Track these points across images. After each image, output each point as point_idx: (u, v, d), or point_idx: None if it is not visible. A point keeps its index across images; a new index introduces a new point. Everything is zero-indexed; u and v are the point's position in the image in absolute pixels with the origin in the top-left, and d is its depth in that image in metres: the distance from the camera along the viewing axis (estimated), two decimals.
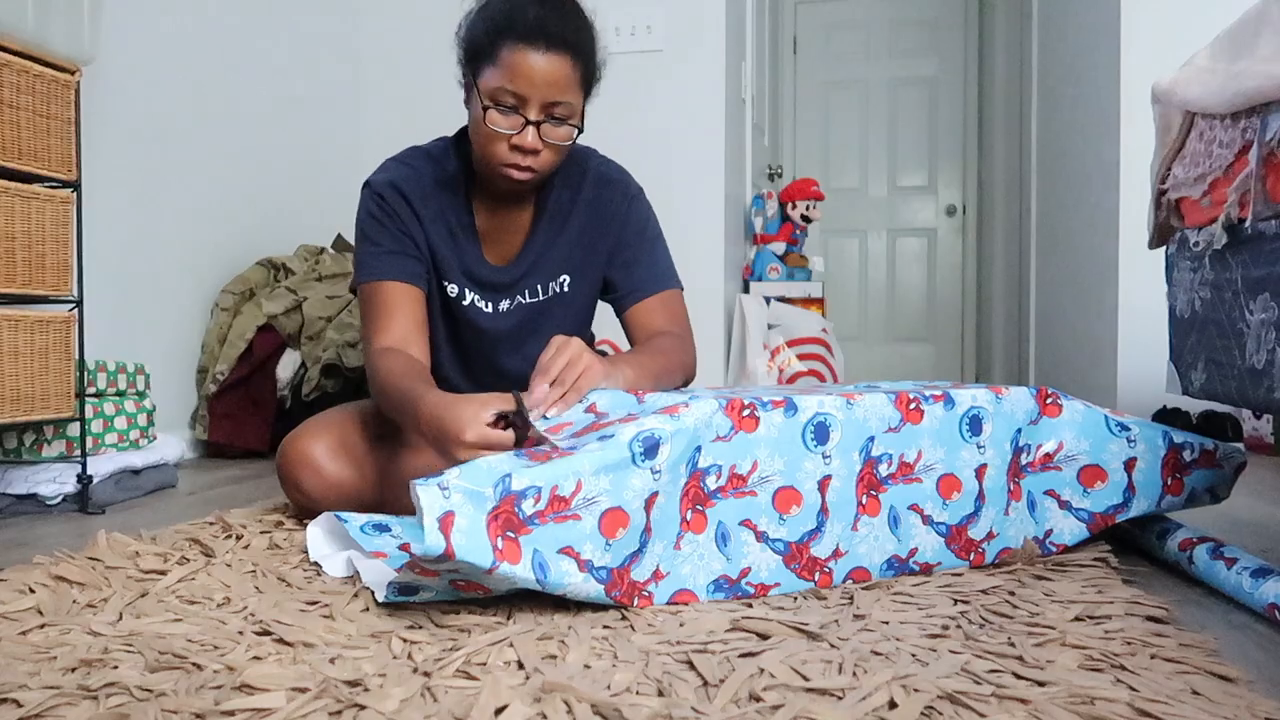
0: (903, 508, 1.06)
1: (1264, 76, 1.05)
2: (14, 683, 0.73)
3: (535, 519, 0.87)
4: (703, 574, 0.98)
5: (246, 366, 2.20)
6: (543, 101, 1.21)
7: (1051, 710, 0.66)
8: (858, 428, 1.04)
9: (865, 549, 1.04)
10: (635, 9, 2.82)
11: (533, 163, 1.24)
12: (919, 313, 4.96)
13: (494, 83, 1.21)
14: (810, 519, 1.01)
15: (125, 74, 2.01)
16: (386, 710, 0.67)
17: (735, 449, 0.99)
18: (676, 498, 0.96)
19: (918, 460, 1.07)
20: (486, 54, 1.22)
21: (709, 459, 0.98)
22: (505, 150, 1.24)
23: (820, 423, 1.03)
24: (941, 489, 1.08)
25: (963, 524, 1.08)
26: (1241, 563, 1.00)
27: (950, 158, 4.90)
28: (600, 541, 0.89)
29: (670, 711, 0.66)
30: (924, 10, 4.88)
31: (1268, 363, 1.08)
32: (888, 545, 1.05)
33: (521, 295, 1.42)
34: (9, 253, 1.42)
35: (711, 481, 0.99)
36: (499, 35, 1.20)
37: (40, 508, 1.56)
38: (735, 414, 1.00)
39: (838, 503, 1.03)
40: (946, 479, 1.08)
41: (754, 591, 0.99)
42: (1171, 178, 1.38)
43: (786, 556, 1.01)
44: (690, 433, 0.95)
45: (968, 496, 1.09)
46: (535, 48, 1.19)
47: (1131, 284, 2.60)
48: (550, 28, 1.19)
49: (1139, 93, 2.56)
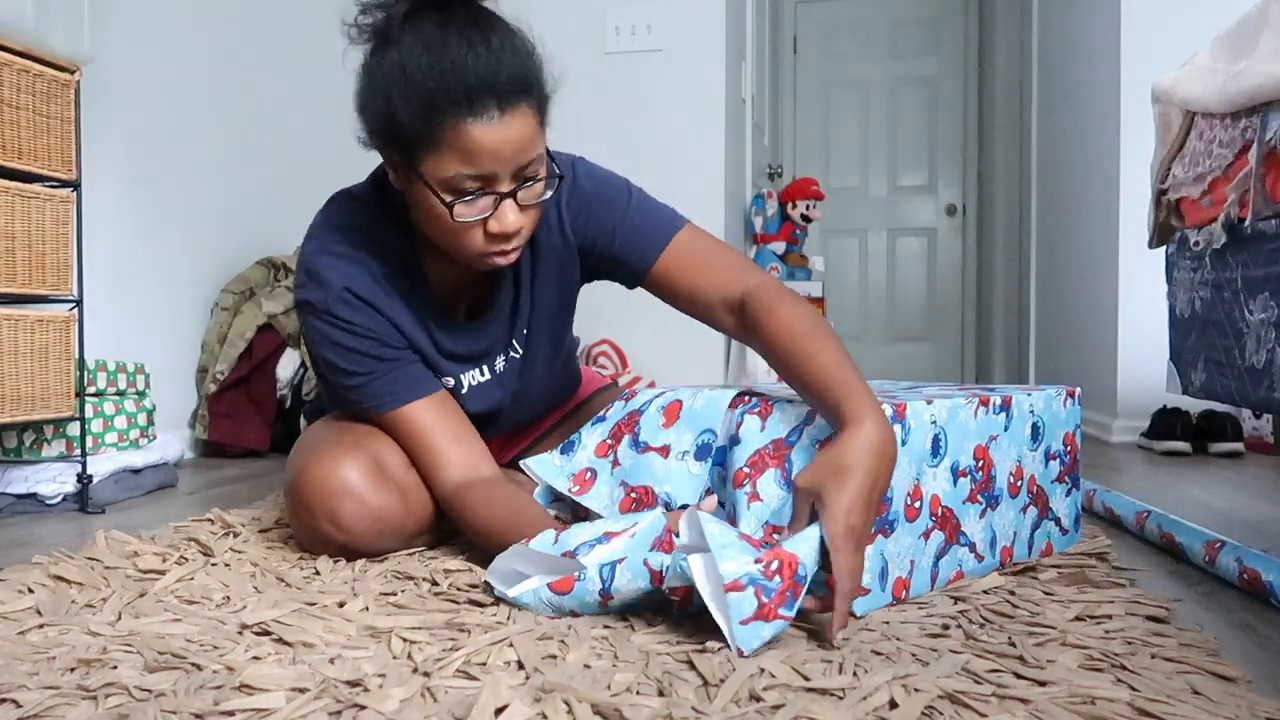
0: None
1: (1264, 76, 1.05)
2: (13, 683, 0.73)
3: None
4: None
5: (246, 366, 2.20)
6: (513, 170, 0.98)
7: (1052, 710, 0.66)
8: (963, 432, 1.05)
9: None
10: (635, 9, 2.82)
11: (517, 242, 1.04)
12: (919, 312, 4.96)
13: (447, 171, 0.97)
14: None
15: (125, 74, 2.01)
16: (386, 710, 0.67)
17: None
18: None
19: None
20: (424, 139, 0.96)
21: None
22: (481, 240, 1.02)
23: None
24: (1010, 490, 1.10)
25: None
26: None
27: (950, 158, 4.90)
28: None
29: (670, 711, 0.66)
30: (924, 10, 4.88)
31: (1268, 362, 1.08)
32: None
33: (507, 352, 1.24)
34: (9, 252, 1.42)
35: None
36: (435, 115, 0.94)
37: (40, 507, 1.56)
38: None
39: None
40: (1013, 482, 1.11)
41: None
42: (1171, 177, 1.38)
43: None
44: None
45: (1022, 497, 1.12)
46: (488, 116, 0.95)
47: (1131, 284, 2.60)
48: (497, 82, 0.95)
49: (1139, 92, 2.56)
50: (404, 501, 1.12)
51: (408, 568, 1.07)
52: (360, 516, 1.09)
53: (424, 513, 1.15)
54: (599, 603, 0.89)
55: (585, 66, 2.84)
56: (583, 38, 2.86)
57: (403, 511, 1.12)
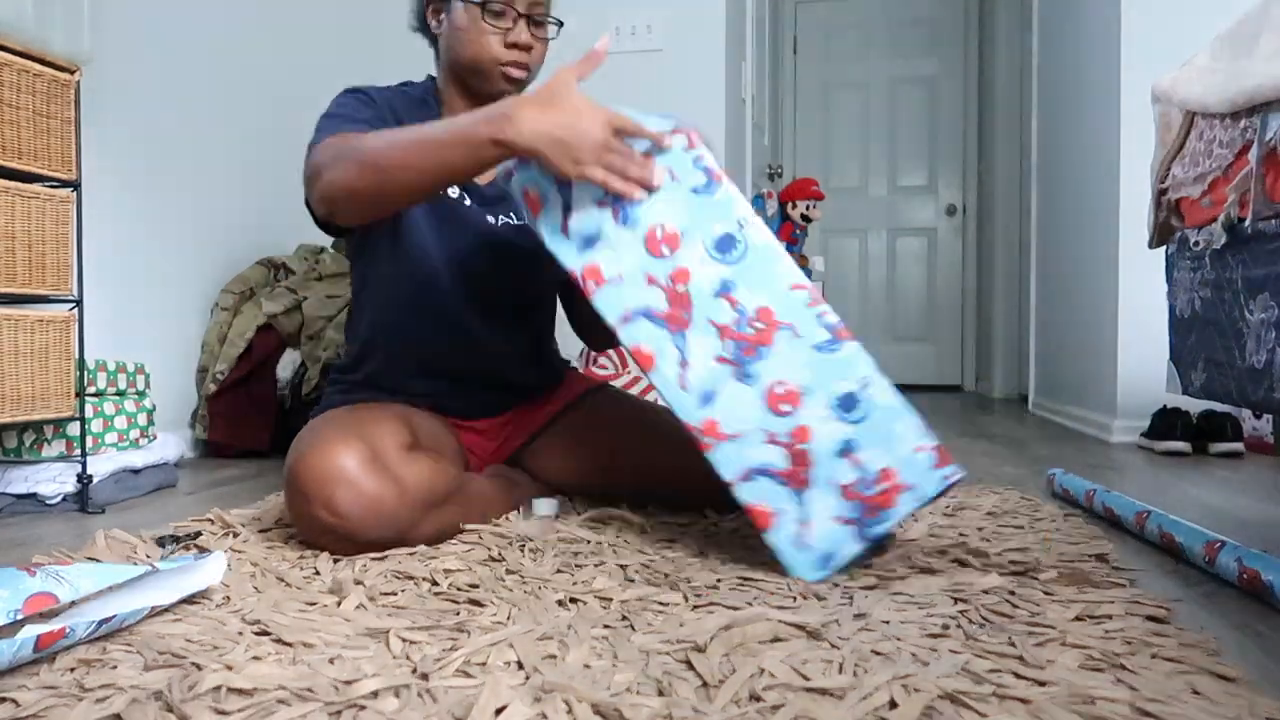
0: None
1: (1264, 76, 1.05)
2: (12, 683, 0.73)
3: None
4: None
5: (246, 366, 2.20)
6: (529, 1, 1.29)
7: (1052, 710, 0.66)
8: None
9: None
10: (635, 9, 2.82)
11: (527, 59, 1.31)
12: (919, 312, 4.96)
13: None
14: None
15: (125, 74, 2.01)
16: (386, 710, 0.67)
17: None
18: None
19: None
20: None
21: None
22: (500, 49, 1.30)
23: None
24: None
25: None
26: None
27: (950, 158, 4.90)
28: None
29: (670, 711, 0.66)
30: (924, 10, 4.88)
31: (1268, 362, 1.08)
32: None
33: (509, 216, 1.37)
34: (9, 253, 1.42)
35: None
36: None
37: (40, 507, 1.56)
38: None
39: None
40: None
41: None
42: (1171, 177, 1.38)
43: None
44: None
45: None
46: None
47: (1131, 284, 2.60)
48: None
49: (1139, 92, 2.56)
50: (399, 489, 1.15)
51: (408, 568, 1.07)
52: (355, 503, 1.12)
53: (419, 501, 1.17)
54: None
55: None
56: (583, 38, 2.85)
57: (398, 499, 1.14)
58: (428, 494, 1.18)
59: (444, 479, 1.22)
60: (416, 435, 1.27)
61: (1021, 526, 1.33)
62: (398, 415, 1.27)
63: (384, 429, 1.21)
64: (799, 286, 1.04)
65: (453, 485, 1.23)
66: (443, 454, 1.31)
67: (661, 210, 1.07)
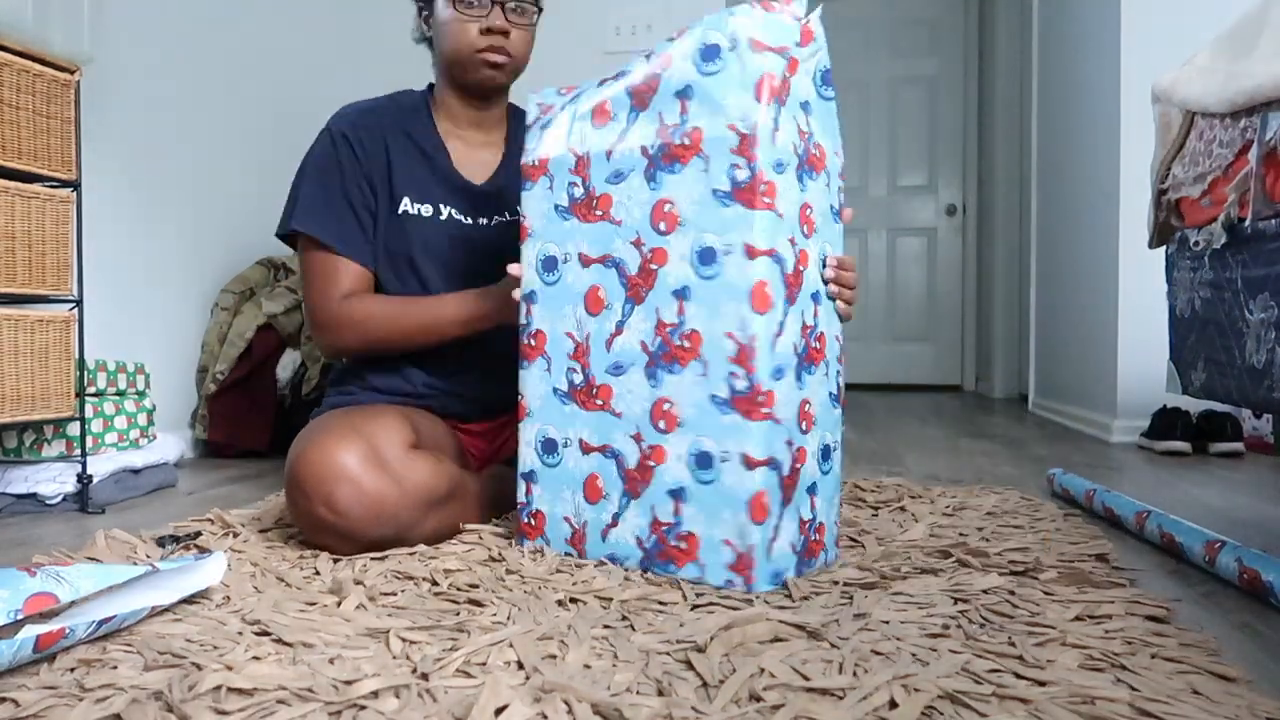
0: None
1: (1264, 76, 1.05)
2: (12, 682, 0.73)
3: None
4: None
5: (246, 366, 2.20)
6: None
7: (1052, 710, 0.66)
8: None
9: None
10: (635, 9, 2.82)
11: (505, 45, 1.33)
12: (919, 312, 4.96)
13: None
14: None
15: (125, 74, 2.01)
16: (386, 710, 0.67)
17: None
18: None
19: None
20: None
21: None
22: (478, 36, 1.33)
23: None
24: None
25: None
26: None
27: (950, 158, 4.90)
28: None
29: (670, 711, 0.66)
30: (924, 10, 4.88)
31: (1268, 362, 1.08)
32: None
33: (501, 215, 1.42)
34: (9, 253, 1.42)
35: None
36: None
37: (40, 507, 1.56)
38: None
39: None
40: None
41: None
42: (1171, 177, 1.38)
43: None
44: None
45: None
46: None
47: (1131, 284, 2.60)
48: None
49: (1139, 92, 2.56)
50: (400, 488, 1.15)
51: (408, 568, 1.07)
52: (355, 501, 1.12)
53: (420, 500, 1.18)
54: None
55: (585, 66, 2.84)
56: (583, 38, 2.86)
57: (398, 497, 1.15)
58: (428, 493, 1.19)
59: (445, 478, 1.22)
60: (418, 434, 1.27)
61: (1021, 526, 1.33)
62: (399, 414, 1.27)
63: (385, 428, 1.21)
64: (730, 336, 1.01)
65: (453, 485, 1.24)
66: (444, 453, 1.31)
67: (680, 190, 1.05)
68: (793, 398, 1.03)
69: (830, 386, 1.11)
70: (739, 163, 1.00)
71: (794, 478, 1.04)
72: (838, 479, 1.14)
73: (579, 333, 1.12)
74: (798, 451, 1.04)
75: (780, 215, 1.01)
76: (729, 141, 1.01)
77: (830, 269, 1.10)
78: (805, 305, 1.06)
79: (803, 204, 1.05)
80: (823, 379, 1.09)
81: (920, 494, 1.59)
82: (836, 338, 1.13)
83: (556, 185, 1.14)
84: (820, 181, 1.08)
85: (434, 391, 1.39)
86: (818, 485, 1.09)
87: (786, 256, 1.02)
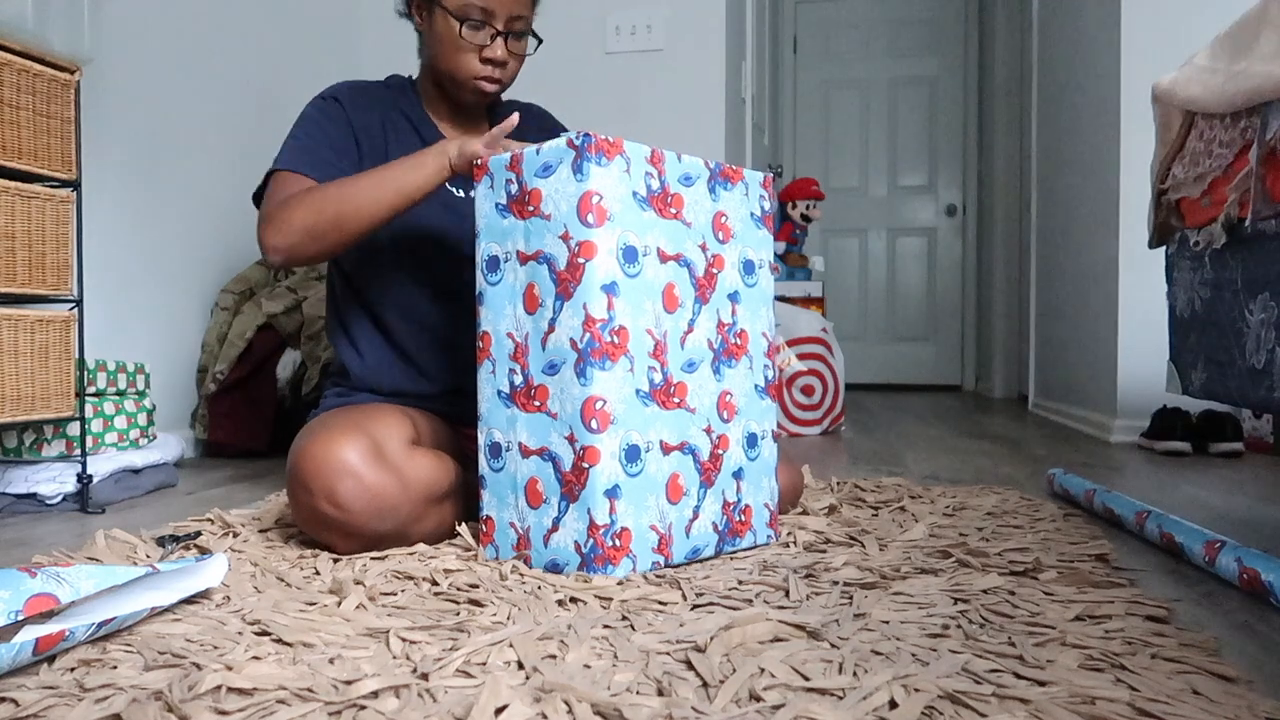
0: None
1: (1264, 76, 1.05)
2: (12, 682, 0.73)
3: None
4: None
5: (246, 366, 2.20)
6: (508, 16, 1.31)
7: (1052, 710, 0.66)
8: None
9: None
10: (635, 9, 2.82)
11: (501, 74, 1.35)
12: (919, 312, 4.96)
13: (461, 0, 1.31)
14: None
15: (125, 74, 2.01)
16: (386, 710, 0.67)
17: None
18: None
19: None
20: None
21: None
22: (475, 63, 1.33)
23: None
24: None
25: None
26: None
27: (950, 158, 4.90)
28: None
29: (670, 711, 0.66)
30: (924, 10, 4.88)
31: (1268, 362, 1.08)
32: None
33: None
34: (9, 252, 1.42)
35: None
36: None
37: (40, 507, 1.56)
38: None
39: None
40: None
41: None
42: (1171, 177, 1.38)
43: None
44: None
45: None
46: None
47: (1131, 284, 2.60)
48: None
49: (1139, 93, 2.57)
50: (401, 483, 1.15)
51: (408, 568, 1.07)
52: (358, 495, 1.12)
53: (421, 496, 1.18)
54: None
55: (585, 66, 2.84)
56: (583, 38, 2.86)
57: (400, 492, 1.15)
58: (430, 488, 1.19)
59: (446, 475, 1.22)
60: (419, 432, 1.27)
61: (1021, 526, 1.33)
62: (400, 412, 1.27)
63: (387, 424, 1.21)
64: (591, 322, 1.05)
65: (455, 482, 1.24)
66: (445, 451, 1.31)
67: (606, 186, 1.06)
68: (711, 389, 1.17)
69: (756, 379, 1.25)
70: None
71: (712, 464, 1.18)
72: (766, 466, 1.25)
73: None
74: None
75: (688, 225, 1.16)
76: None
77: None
78: (720, 304, 1.20)
79: (716, 213, 1.19)
80: (746, 372, 1.23)
81: (920, 494, 1.59)
82: (764, 334, 1.28)
83: (497, 184, 1.15)
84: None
85: (432, 393, 1.39)
86: (741, 471, 1.21)
87: (697, 260, 1.16)
